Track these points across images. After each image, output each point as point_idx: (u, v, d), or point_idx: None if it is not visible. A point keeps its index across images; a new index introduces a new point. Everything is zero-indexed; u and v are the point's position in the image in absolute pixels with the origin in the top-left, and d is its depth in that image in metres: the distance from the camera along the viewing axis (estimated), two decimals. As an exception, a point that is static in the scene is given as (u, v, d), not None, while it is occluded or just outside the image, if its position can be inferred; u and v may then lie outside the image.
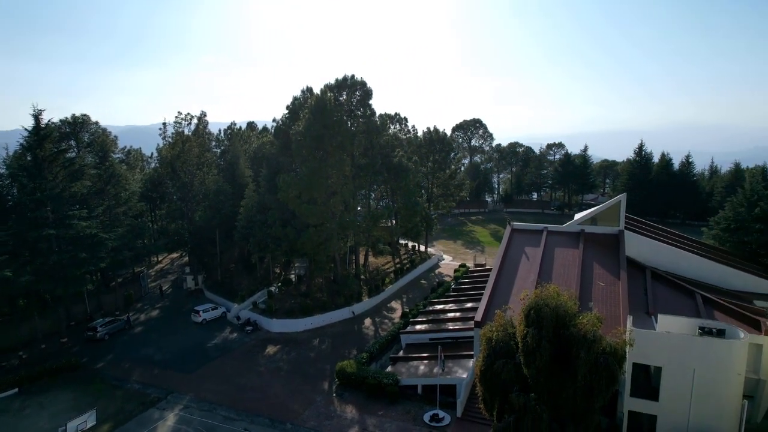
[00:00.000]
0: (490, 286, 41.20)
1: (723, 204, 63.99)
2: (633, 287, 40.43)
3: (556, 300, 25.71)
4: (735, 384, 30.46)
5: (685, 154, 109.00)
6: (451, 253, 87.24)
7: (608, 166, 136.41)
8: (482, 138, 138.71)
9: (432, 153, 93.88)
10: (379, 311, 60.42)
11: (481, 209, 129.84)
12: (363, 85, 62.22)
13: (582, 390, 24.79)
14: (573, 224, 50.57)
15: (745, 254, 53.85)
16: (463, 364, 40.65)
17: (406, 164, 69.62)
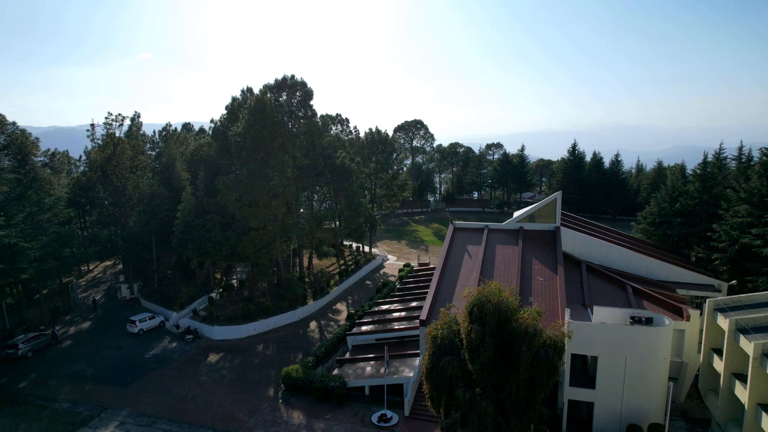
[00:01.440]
0: (434, 285, 41.71)
1: (648, 200, 68.11)
2: (570, 281, 42.15)
3: (498, 296, 26.27)
4: (662, 368, 32.40)
5: (614, 153, 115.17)
6: (396, 253, 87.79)
7: (544, 166, 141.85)
8: (423, 139, 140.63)
9: (374, 154, 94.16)
10: (325, 314, 59.86)
11: (424, 209, 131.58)
12: (303, 85, 61.45)
13: (525, 382, 25.47)
14: (512, 222, 52.13)
15: (668, 246, 57.50)
16: (410, 363, 40.91)
17: (348, 165, 69.39)
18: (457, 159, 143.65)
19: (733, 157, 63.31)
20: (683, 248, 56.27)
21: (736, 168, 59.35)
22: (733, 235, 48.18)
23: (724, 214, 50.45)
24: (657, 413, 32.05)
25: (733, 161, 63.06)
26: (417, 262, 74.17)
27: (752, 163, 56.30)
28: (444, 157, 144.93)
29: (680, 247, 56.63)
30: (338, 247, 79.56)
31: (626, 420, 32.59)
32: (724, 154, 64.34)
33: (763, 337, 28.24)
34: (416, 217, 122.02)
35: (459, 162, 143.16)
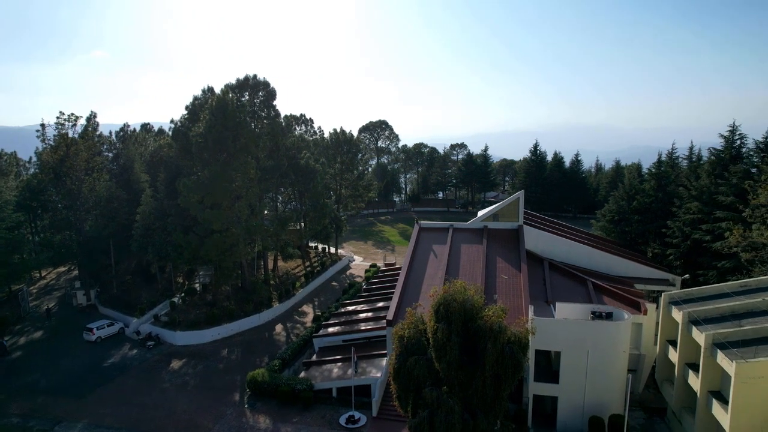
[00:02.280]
0: (400, 285, 41.80)
1: (607, 198, 70.17)
2: (533, 278, 42.95)
3: (464, 295, 26.52)
4: (621, 360, 33.40)
5: (574, 153, 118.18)
6: (362, 254, 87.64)
7: (507, 165, 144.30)
8: (388, 139, 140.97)
9: (339, 154, 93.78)
10: (291, 316, 59.19)
11: (390, 209, 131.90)
12: (266, 85, 60.62)
13: (491, 379, 25.81)
14: (477, 221, 52.77)
15: (626, 243, 59.37)
16: (377, 363, 40.86)
17: (313, 166, 68.85)
18: (422, 159, 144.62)
19: (685, 156, 65.92)
20: (640, 244, 58.19)
21: (688, 167, 61.82)
22: (686, 231, 50.18)
23: (677, 211, 52.47)
24: (617, 404, 32.98)
25: (684, 160, 65.64)
26: (383, 263, 74.26)
27: (702, 162, 58.72)
28: (409, 158, 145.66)
29: (638, 243, 58.56)
30: (304, 248, 78.83)
31: (588, 412, 33.42)
32: (676, 153, 66.87)
33: (713, 328, 29.43)
34: (382, 218, 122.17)
35: (424, 162, 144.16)
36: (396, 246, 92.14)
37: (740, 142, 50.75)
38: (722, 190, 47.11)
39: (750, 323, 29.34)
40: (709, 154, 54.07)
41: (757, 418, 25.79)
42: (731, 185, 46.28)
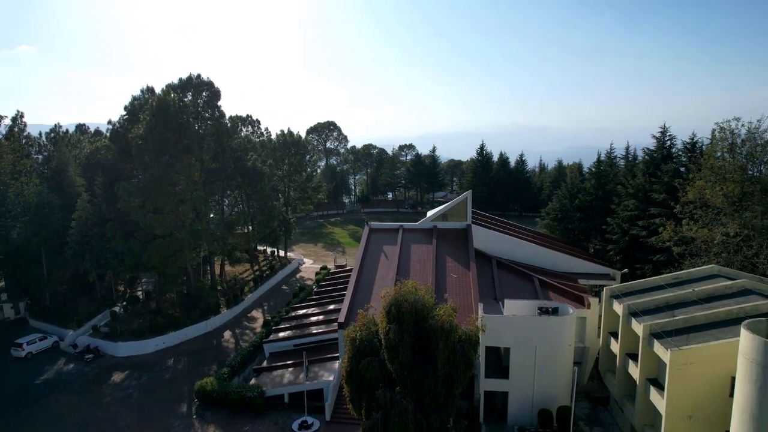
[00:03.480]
0: (351, 287, 41.55)
1: (551, 197, 72.59)
2: (482, 276, 43.74)
3: (415, 295, 26.62)
4: (567, 354, 34.54)
5: (519, 153, 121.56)
6: (312, 256, 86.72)
7: (455, 166, 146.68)
8: (337, 140, 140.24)
9: (287, 156, 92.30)
10: (240, 322, 57.72)
11: (340, 210, 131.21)
12: (210, 85, 58.88)
13: (443, 378, 26.02)
14: (426, 221, 53.28)
15: (570, 239, 61.59)
16: (329, 367, 40.45)
17: (260, 168, 67.45)
18: (371, 160, 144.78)
19: (622, 156, 69.17)
20: (583, 241, 60.52)
21: (625, 166, 64.87)
22: (624, 227, 52.60)
23: (616, 209, 54.92)
24: (564, 396, 34.09)
25: (622, 160, 68.86)
26: (334, 265, 73.73)
27: (637, 161, 61.77)
28: (358, 159, 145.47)
29: (580, 240, 60.87)
30: (252, 252, 77.11)
31: (538, 405, 34.36)
32: (614, 153, 70.08)
33: (650, 319, 30.90)
34: (332, 219, 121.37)
35: (373, 163, 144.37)
36: (346, 248, 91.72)
37: (670, 143, 53.77)
38: (655, 188, 49.70)
39: (682, 313, 30.98)
40: (644, 154, 57.02)
41: (690, 401, 27.24)
42: (663, 183, 48.89)
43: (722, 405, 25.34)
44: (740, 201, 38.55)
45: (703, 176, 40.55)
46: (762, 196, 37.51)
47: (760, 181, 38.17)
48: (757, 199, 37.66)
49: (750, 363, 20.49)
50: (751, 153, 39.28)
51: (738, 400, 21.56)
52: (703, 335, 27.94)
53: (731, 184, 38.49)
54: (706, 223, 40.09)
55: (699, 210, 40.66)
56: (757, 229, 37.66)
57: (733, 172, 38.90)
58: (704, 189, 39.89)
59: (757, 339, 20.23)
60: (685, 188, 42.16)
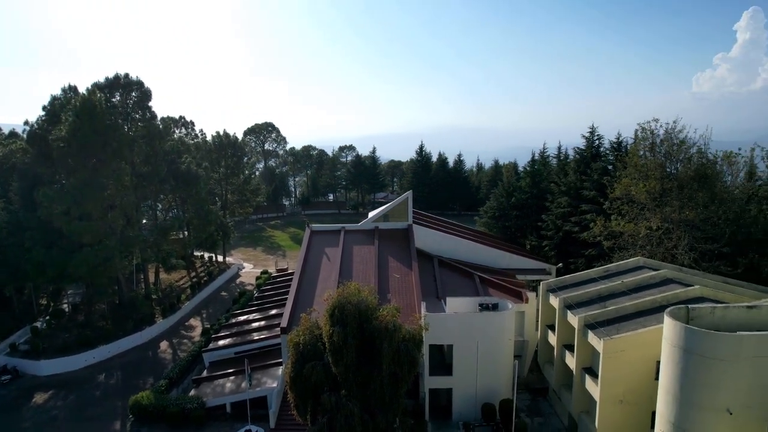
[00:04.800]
0: (293, 291, 40.84)
1: (489, 196, 74.59)
2: (424, 275, 44.21)
3: (358, 296, 26.44)
4: (508, 348, 35.54)
5: (457, 154, 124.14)
6: (252, 261, 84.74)
7: (395, 166, 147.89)
8: (276, 141, 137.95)
9: (223, 158, 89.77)
10: (177, 332, 55.40)
11: (280, 213, 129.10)
12: (140, 85, 56.14)
13: (388, 378, 25.99)
14: (368, 222, 53.27)
15: (507, 237, 63.49)
16: (272, 373, 39.56)
17: (195, 171, 65.08)
18: (311, 162, 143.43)
19: (555, 155, 72.16)
20: (520, 238, 62.56)
21: (557, 165, 67.69)
22: (558, 223, 54.86)
23: (550, 206, 57.19)
24: (506, 389, 35.02)
25: (554, 159, 71.82)
26: (275, 269, 72.36)
27: (569, 160, 64.62)
28: (298, 160, 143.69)
29: (517, 236, 62.88)
30: (189, 258, 74.22)
31: (481, 400, 35.11)
32: (547, 153, 72.98)
33: (584, 311, 32.36)
34: (272, 222, 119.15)
35: (313, 165, 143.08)
36: (287, 251, 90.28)
37: (598, 143, 56.66)
38: (586, 185, 52.19)
39: (613, 303, 32.66)
40: (575, 153, 59.73)
41: (621, 387, 28.76)
42: (593, 181, 51.42)
43: (649, 388, 26.87)
44: (661, 197, 41.14)
45: (628, 174, 42.97)
46: (679, 192, 40.21)
47: (677, 178, 40.87)
48: (675, 195, 40.32)
49: (672, 347, 21.83)
50: (668, 152, 41.99)
51: (662, 382, 22.92)
52: (631, 324, 29.56)
53: (653, 181, 41.01)
54: (632, 218, 42.50)
55: (625, 206, 43.05)
56: (676, 223, 40.32)
57: (654, 169, 41.47)
58: (629, 186, 42.28)
59: (678, 325, 21.57)
60: (613, 185, 44.51)
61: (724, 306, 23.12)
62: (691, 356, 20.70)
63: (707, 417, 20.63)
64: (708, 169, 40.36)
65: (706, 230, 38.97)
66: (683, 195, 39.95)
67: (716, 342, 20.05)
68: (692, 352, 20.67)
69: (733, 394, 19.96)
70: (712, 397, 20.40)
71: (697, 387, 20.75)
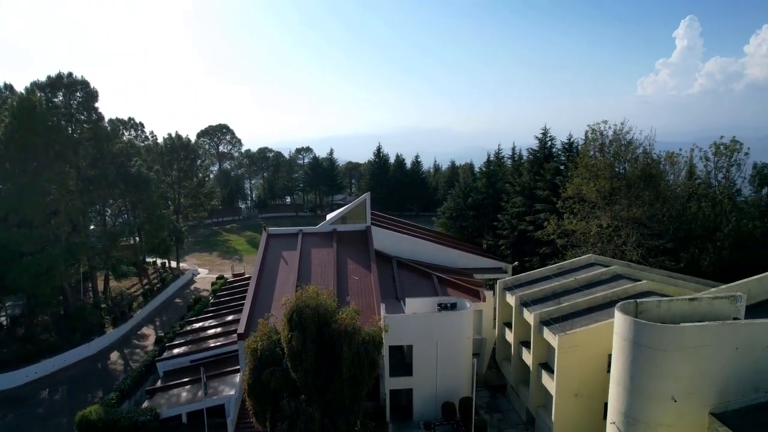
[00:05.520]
0: (250, 296, 40.02)
1: (446, 197, 75.48)
2: (383, 277, 44.20)
3: (317, 300, 26.17)
4: (467, 346, 35.96)
5: (414, 155, 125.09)
6: (208, 266, 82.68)
7: (353, 168, 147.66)
8: (230, 143, 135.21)
9: (176, 161, 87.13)
10: (129, 341, 53.34)
11: (236, 217, 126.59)
12: (85, 84, 53.78)
13: (348, 381, 25.81)
14: (326, 224, 52.87)
15: (464, 236, 64.41)
16: (230, 381, 38.62)
17: (146, 174, 62.93)
18: (268, 164, 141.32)
19: (509, 156, 73.71)
20: (476, 237, 63.57)
21: (512, 165, 69.18)
22: (513, 223, 56.06)
23: (505, 206, 58.38)
24: (466, 388, 35.41)
25: (509, 160, 73.37)
26: (231, 273, 70.79)
27: (523, 161, 66.16)
28: (253, 162, 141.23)
29: (474, 236, 63.87)
30: (140, 265, 71.68)
31: (441, 399, 35.38)
32: (502, 153, 74.47)
33: (539, 308, 33.12)
34: (227, 226, 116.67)
35: (270, 167, 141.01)
36: (244, 255, 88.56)
37: (551, 144, 58.25)
38: (540, 185, 53.55)
39: (566, 300, 33.58)
40: (528, 154, 61.20)
41: (576, 380, 29.58)
42: (546, 181, 52.81)
43: (602, 381, 27.73)
44: (610, 195, 42.68)
45: (580, 174, 44.37)
46: (627, 191, 41.83)
47: (625, 177, 42.51)
48: (623, 193, 41.92)
49: (622, 341, 22.61)
50: (617, 152, 43.64)
51: (614, 374, 23.71)
52: (584, 319, 30.47)
53: (602, 181, 42.50)
54: (584, 216, 43.90)
55: (577, 205, 44.43)
56: (624, 220, 41.91)
57: (603, 169, 42.98)
58: (581, 185, 43.68)
59: (628, 319, 22.36)
60: (565, 185, 45.86)
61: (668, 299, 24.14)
62: (640, 348, 21.49)
63: (654, 405, 21.46)
64: (653, 168, 42.19)
65: (652, 227, 40.70)
66: (631, 194, 41.56)
67: (662, 334, 20.89)
68: (640, 344, 21.47)
69: (677, 383, 20.85)
70: (658, 386, 21.24)
71: (645, 377, 21.57)
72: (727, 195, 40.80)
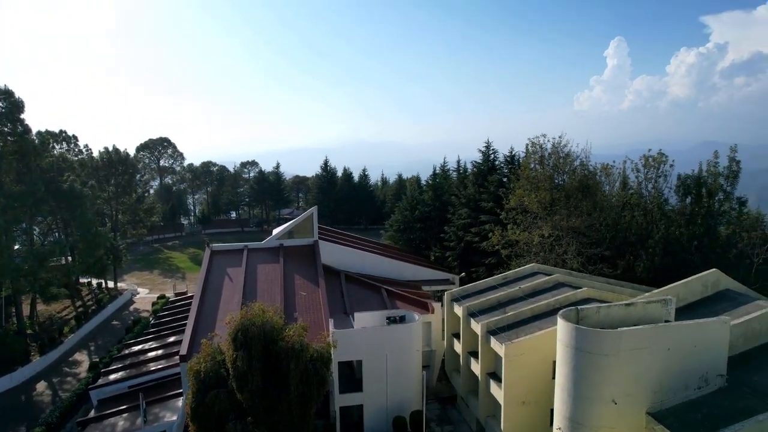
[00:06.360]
0: (193, 315, 38.48)
1: (393, 209, 75.92)
2: (331, 291, 43.73)
3: (263, 317, 25.49)
4: (416, 359, 35.95)
5: (362, 168, 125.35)
6: (148, 285, 79.10)
7: (300, 182, 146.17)
8: (172, 158, 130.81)
9: (113, 176, 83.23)
10: (58, 369, 49.86)
11: (178, 233, 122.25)
12: (9, 94, 50.50)
13: (296, 400, 25.22)
14: (272, 239, 51.83)
15: (412, 249, 64.89)
16: (172, 405, 36.78)
17: (79, 190, 59.63)
18: (212, 178, 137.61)
19: (455, 169, 75.19)
20: (424, 249, 64.19)
21: (457, 178, 70.57)
22: (459, 234, 57.00)
23: (451, 218, 59.34)
24: (416, 401, 35.33)
25: (454, 172, 74.83)
26: (173, 293, 68.05)
27: (468, 173, 67.63)
28: (197, 177, 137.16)
29: (422, 248, 64.47)
30: (73, 286, 67.54)
31: (392, 413, 35.08)
32: (447, 166, 75.84)
33: (486, 318, 33.63)
34: (169, 243, 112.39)
35: (214, 181, 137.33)
36: (187, 273, 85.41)
37: (494, 156, 59.88)
38: (484, 197, 54.82)
39: (512, 309, 34.28)
40: (473, 167, 62.61)
41: (523, 388, 30.11)
42: (490, 193, 54.14)
43: (548, 387, 28.34)
44: (551, 206, 44.22)
45: (521, 185, 45.77)
46: (566, 201, 43.48)
47: (564, 188, 44.21)
48: (563, 204, 43.55)
49: (565, 347, 23.22)
50: (556, 164, 45.38)
51: (558, 380, 24.27)
52: (529, 327, 31.16)
53: (543, 192, 43.99)
54: (527, 227, 45.20)
55: (520, 215, 45.72)
56: (564, 230, 43.48)
57: (543, 181, 44.53)
58: (523, 197, 45.03)
59: (569, 326, 23.00)
60: (508, 197, 47.13)
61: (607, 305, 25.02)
62: (581, 354, 22.13)
63: (596, 408, 22.10)
64: (590, 180, 44.13)
65: (590, 236, 42.43)
66: (570, 204, 43.22)
67: (601, 339, 21.61)
68: (582, 350, 22.11)
69: (616, 386, 21.58)
70: (599, 389, 21.91)
71: (587, 382, 22.21)
72: (657, 204, 43.22)
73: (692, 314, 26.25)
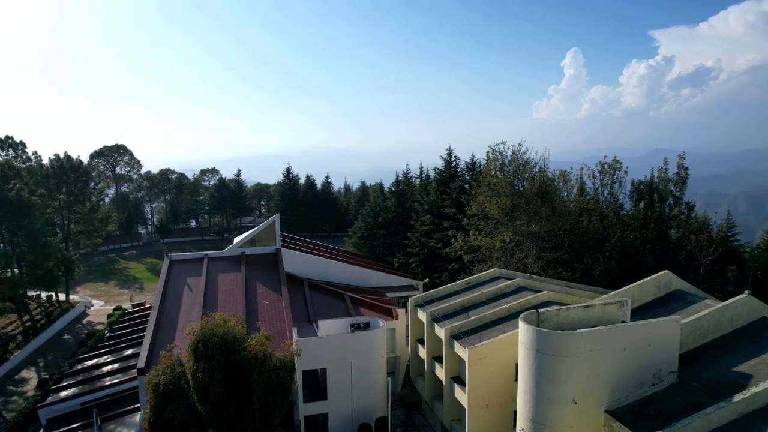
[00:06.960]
0: (151, 327, 37.29)
1: (357, 216, 75.87)
2: (294, 300, 43.25)
3: (224, 327, 24.98)
4: (381, 365, 35.89)
5: (325, 175, 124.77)
6: (103, 297, 76.24)
7: (262, 189, 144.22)
8: (128, 165, 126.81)
9: (65, 184, 79.96)
10: (3, 388, 47.34)
11: (135, 243, 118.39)
12: (-49, 99, 48.05)
13: (260, 411, 24.77)
14: (233, 248, 50.90)
15: (376, 255, 64.93)
16: (128, 421, 35.38)
17: (28, 198, 57.07)
18: (170, 186, 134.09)
19: (417, 176, 75.77)
20: (388, 256, 64.31)
21: (420, 185, 71.15)
22: (422, 240, 57.40)
23: (415, 224, 59.72)
24: (381, 407, 35.23)
25: (417, 179, 75.40)
26: (130, 304, 65.79)
27: (430, 180, 68.27)
28: (155, 185, 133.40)
29: (386, 255, 64.58)
30: (20, 300, 64.32)
31: (357, 421, 34.87)
32: (410, 173, 76.37)
33: (450, 323, 33.95)
34: (126, 253, 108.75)
35: (172, 189, 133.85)
36: (145, 283, 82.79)
37: (456, 163, 60.70)
38: (446, 203, 55.44)
39: (475, 313, 34.72)
40: (435, 174, 63.28)
41: (486, 392, 30.48)
42: (452, 199, 54.81)
43: (511, 390, 28.80)
44: (511, 212, 45.12)
45: (483, 192, 46.54)
46: (526, 207, 44.47)
47: (524, 195, 45.22)
48: (523, 210, 44.52)
49: (527, 349, 23.68)
50: (516, 171, 46.38)
51: (520, 383, 24.71)
52: (492, 331, 31.63)
53: (504, 198, 44.86)
54: (488, 232, 45.96)
55: (482, 221, 46.46)
56: (525, 235, 44.43)
57: (504, 187, 45.43)
58: (484, 203, 45.79)
59: (530, 328, 23.49)
60: (470, 203, 47.82)
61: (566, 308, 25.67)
62: (542, 356, 22.61)
63: (558, 409, 22.60)
64: (548, 186, 45.29)
65: (550, 240, 43.52)
66: (530, 210, 44.22)
67: (561, 341, 22.16)
68: (542, 351, 22.60)
69: (576, 386, 22.15)
70: (560, 390, 22.43)
71: (548, 383, 22.70)
72: (612, 209, 44.77)
73: (646, 314, 27.30)
